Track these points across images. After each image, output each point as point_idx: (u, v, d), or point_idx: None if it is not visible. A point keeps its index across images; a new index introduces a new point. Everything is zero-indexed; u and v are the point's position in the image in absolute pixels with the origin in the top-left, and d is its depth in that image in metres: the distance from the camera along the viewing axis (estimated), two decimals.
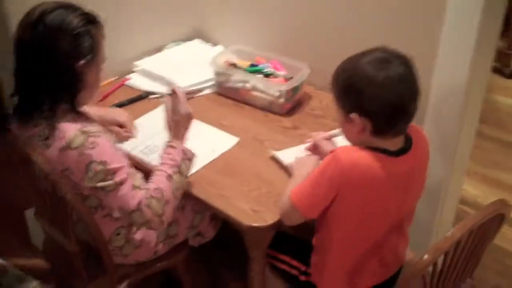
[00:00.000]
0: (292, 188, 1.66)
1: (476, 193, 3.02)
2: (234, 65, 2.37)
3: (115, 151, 1.67)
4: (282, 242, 1.90)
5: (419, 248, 1.82)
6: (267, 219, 1.73)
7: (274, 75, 2.33)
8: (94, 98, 1.79)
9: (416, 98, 1.53)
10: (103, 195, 1.65)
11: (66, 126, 1.61)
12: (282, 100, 2.23)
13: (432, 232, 2.27)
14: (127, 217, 1.66)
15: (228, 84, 2.34)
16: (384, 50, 1.54)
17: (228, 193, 1.83)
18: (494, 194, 3.02)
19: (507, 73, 4.13)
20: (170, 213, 1.71)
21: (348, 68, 1.56)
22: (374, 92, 1.49)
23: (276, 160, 1.97)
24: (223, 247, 2.55)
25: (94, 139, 1.61)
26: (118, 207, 1.65)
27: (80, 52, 1.62)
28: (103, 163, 1.61)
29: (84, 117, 1.71)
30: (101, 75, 1.74)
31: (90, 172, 1.61)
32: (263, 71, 2.33)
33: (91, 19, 1.65)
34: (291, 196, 1.63)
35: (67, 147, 1.60)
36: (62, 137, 1.60)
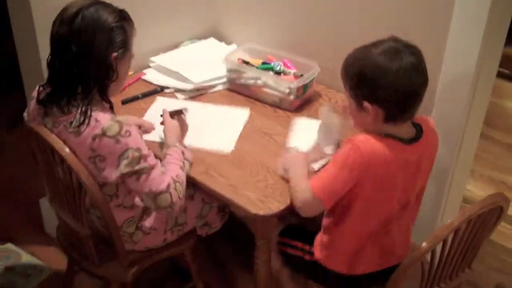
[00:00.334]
0: (302, 182, 1.74)
1: (481, 194, 3.04)
2: (247, 62, 2.43)
3: (143, 140, 1.78)
4: (292, 231, 2.00)
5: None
6: (272, 208, 1.80)
7: (285, 73, 2.38)
8: (119, 90, 1.89)
9: (427, 83, 1.62)
10: (134, 180, 1.73)
11: (100, 115, 1.70)
12: (292, 97, 2.28)
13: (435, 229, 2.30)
14: (153, 200, 1.74)
15: (240, 81, 2.39)
16: (395, 39, 1.61)
17: (237, 183, 1.90)
18: None
19: None
20: (184, 200, 1.82)
21: (360, 59, 1.62)
22: (389, 82, 1.56)
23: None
24: (229, 240, 2.63)
25: (127, 128, 1.71)
26: (148, 189, 1.74)
27: (114, 45, 1.72)
28: (138, 150, 1.71)
29: (111, 108, 1.83)
30: (128, 70, 1.85)
31: (126, 159, 1.70)
32: (275, 69, 2.39)
33: (125, 16, 1.76)
34: (312, 189, 1.69)
35: (103, 134, 1.68)
36: (96, 125, 1.68)
